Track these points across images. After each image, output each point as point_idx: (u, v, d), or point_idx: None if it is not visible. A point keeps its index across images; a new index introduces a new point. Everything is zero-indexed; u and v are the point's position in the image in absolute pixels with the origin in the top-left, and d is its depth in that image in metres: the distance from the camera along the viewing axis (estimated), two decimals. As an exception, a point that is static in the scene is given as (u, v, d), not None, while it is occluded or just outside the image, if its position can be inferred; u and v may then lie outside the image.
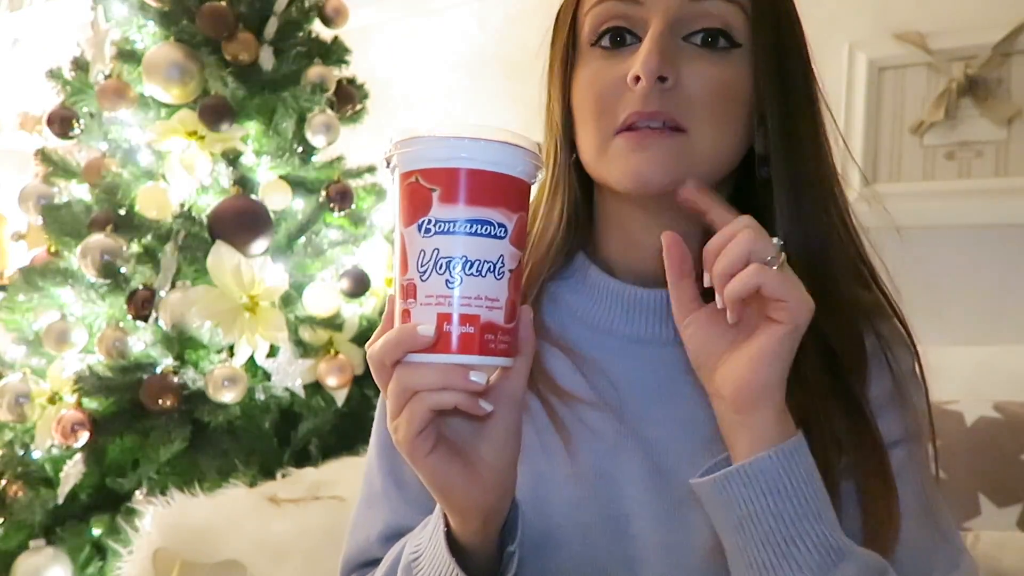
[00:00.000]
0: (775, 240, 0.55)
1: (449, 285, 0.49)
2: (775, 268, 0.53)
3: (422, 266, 0.50)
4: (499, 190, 0.50)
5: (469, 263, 0.49)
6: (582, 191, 0.72)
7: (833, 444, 0.62)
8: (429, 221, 0.49)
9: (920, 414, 0.68)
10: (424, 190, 0.49)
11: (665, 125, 0.61)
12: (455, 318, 0.49)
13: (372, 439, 0.77)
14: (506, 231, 0.51)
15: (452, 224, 0.49)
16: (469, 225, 0.49)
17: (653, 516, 0.65)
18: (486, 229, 0.50)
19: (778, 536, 0.54)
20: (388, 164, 0.52)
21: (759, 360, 0.54)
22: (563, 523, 0.66)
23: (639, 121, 0.61)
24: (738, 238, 0.54)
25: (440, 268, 0.49)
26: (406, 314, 0.50)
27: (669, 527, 0.65)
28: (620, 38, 0.64)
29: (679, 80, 0.61)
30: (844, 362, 0.65)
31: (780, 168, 0.64)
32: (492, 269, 0.50)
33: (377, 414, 0.77)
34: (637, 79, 0.60)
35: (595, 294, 0.71)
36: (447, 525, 0.58)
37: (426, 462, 0.51)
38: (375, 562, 0.71)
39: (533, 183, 0.52)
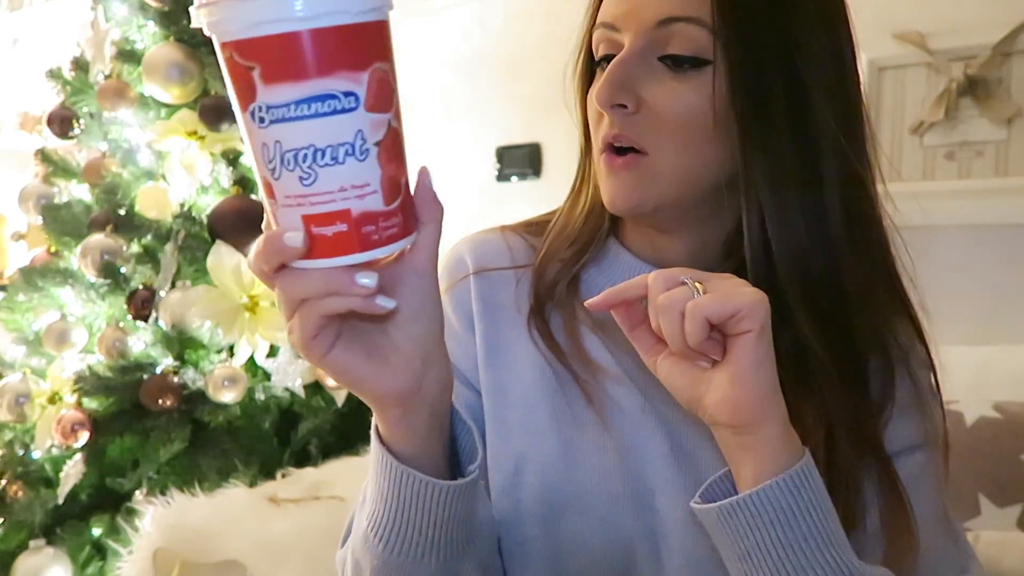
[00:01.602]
0: (677, 273, 0.53)
1: (304, 182, 0.41)
2: (702, 293, 0.52)
3: (270, 162, 0.41)
4: (334, 49, 0.39)
5: (320, 152, 0.40)
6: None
7: (857, 449, 0.62)
8: (259, 108, 0.40)
9: (936, 420, 0.68)
10: (242, 69, 0.39)
11: (633, 149, 0.63)
12: (321, 219, 0.41)
13: None
14: (357, 99, 0.40)
15: (287, 108, 0.39)
16: (307, 106, 0.39)
17: (675, 493, 0.65)
18: (329, 105, 0.39)
19: (788, 566, 0.52)
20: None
21: (743, 374, 0.52)
22: (591, 490, 0.67)
23: (608, 145, 0.64)
24: (655, 305, 0.53)
25: (288, 163, 0.40)
26: (273, 217, 0.43)
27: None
28: (609, 61, 0.66)
29: (644, 102, 0.63)
30: (862, 371, 0.64)
31: (747, 177, 0.63)
32: (351, 151, 0.40)
33: None
34: None
35: (626, 277, 0.72)
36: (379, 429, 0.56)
37: (325, 361, 0.48)
38: None
39: (382, 19, 0.42)
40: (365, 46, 0.40)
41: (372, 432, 0.56)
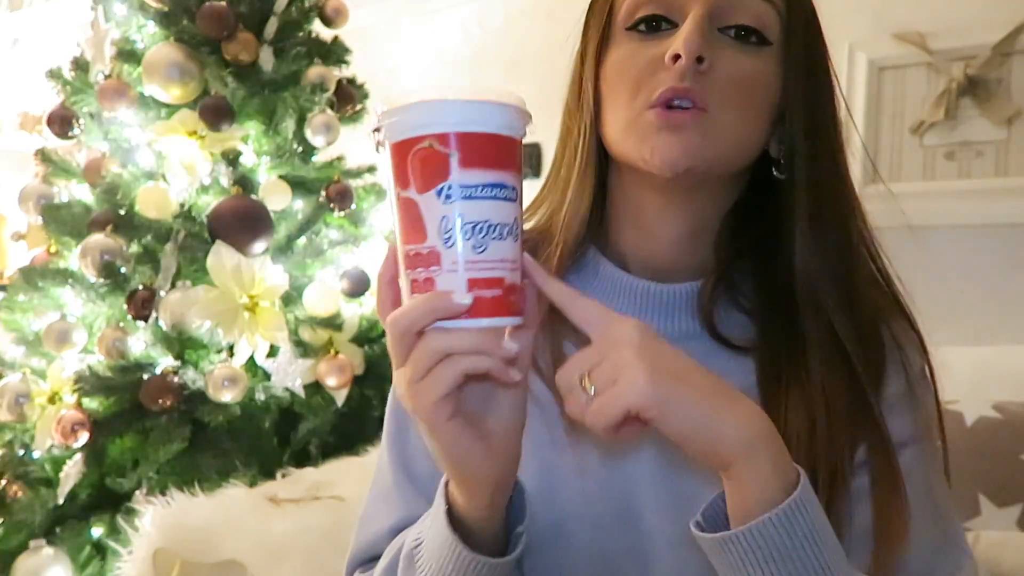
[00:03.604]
0: (573, 373, 0.52)
1: (476, 250, 0.50)
2: (593, 396, 0.51)
3: (445, 232, 0.50)
4: (510, 153, 0.51)
5: (492, 227, 0.50)
6: (598, 182, 0.72)
7: (846, 443, 0.62)
8: (450, 187, 0.49)
9: (929, 415, 0.69)
10: (440, 155, 0.49)
11: (694, 105, 0.62)
12: (484, 283, 0.50)
13: (384, 432, 0.77)
14: (516, 193, 0.52)
15: (475, 188, 0.50)
16: (490, 189, 0.50)
17: (664, 511, 0.65)
18: (503, 192, 0.51)
19: None
20: (379, 131, 0.51)
21: (682, 442, 0.51)
22: (573, 515, 0.66)
23: (673, 98, 0.62)
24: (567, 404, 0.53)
25: (466, 234, 0.50)
26: (429, 282, 0.50)
27: (681, 522, 0.64)
28: (656, 24, 0.66)
29: (712, 65, 0.63)
30: (858, 363, 0.65)
31: (801, 169, 0.65)
32: (511, 232, 0.51)
33: (389, 406, 0.77)
34: (676, 57, 0.62)
35: (608, 289, 0.71)
36: (448, 502, 0.58)
37: (445, 428, 0.51)
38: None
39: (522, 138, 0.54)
40: (520, 155, 0.53)
41: (442, 515, 0.58)
